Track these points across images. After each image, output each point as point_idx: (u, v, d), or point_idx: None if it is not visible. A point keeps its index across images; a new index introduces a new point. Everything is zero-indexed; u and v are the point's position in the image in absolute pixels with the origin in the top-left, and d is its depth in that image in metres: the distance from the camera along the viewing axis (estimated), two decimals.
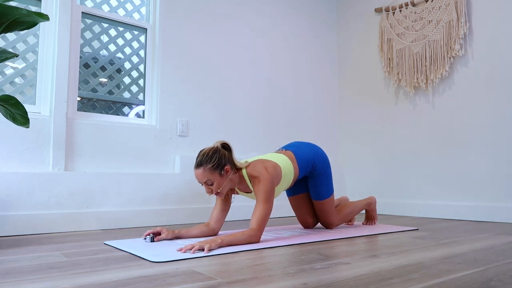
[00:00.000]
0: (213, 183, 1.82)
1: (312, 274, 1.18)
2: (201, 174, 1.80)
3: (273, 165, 1.93)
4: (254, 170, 1.88)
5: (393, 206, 3.38)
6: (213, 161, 1.80)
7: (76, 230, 2.32)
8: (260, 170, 1.87)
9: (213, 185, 1.82)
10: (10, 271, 1.25)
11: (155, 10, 2.91)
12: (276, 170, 1.92)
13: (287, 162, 2.04)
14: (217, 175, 1.81)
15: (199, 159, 1.82)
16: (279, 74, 3.51)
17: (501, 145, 2.77)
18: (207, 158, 1.80)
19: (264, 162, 1.93)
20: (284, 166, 2.00)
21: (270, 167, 1.90)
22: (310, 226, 2.35)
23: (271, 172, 1.88)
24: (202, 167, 1.79)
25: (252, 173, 1.88)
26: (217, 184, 1.82)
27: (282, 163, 2.00)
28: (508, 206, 2.69)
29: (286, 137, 3.48)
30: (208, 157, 1.81)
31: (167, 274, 1.18)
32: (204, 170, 1.79)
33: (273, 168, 1.91)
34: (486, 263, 1.33)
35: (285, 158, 2.05)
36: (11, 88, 2.37)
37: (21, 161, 2.27)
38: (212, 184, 1.82)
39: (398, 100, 3.45)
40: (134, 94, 2.83)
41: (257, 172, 1.86)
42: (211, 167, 1.79)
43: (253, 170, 1.88)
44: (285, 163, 2.02)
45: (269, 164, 1.92)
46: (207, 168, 1.79)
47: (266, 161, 1.94)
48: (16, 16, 1.56)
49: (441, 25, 3.12)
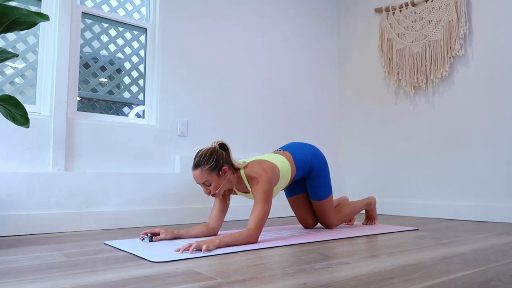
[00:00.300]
0: (211, 184, 1.81)
1: (312, 274, 1.18)
2: (199, 175, 1.80)
3: (271, 165, 1.93)
4: (252, 171, 1.88)
5: (393, 206, 3.38)
6: (211, 162, 1.80)
7: (76, 230, 2.32)
8: (259, 171, 1.87)
9: (211, 186, 1.82)
10: (10, 271, 1.25)
11: (155, 10, 2.91)
12: (274, 171, 1.93)
13: (284, 162, 2.04)
14: (215, 175, 1.81)
15: (197, 160, 1.81)
16: (279, 74, 3.51)
17: (501, 145, 2.77)
18: (204, 159, 1.80)
19: (262, 163, 1.93)
20: (281, 166, 2.00)
21: (268, 168, 1.90)
22: (310, 226, 2.35)
23: (269, 172, 1.88)
24: (200, 168, 1.79)
25: (250, 173, 1.88)
26: (215, 185, 1.82)
27: (280, 163, 2.01)
28: (508, 206, 2.69)
29: (286, 137, 3.48)
30: (205, 158, 1.80)
31: (167, 274, 1.18)
32: (202, 171, 1.79)
33: (271, 169, 1.91)
34: (486, 263, 1.33)
35: (283, 159, 2.05)
36: (11, 88, 2.37)
37: (21, 161, 2.27)
38: (210, 184, 1.82)
39: (398, 100, 3.45)
40: (134, 94, 2.83)
41: (255, 173, 1.87)
42: (209, 168, 1.79)
43: (251, 171, 1.89)
44: (282, 164, 2.02)
45: (267, 165, 1.93)
46: (204, 169, 1.79)
47: (264, 162, 1.95)
48: (16, 16, 1.56)
49: (441, 25, 3.12)
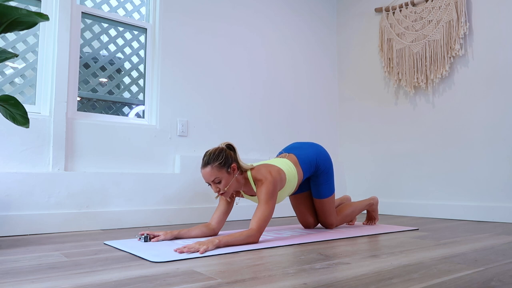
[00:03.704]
0: (221, 181, 1.82)
1: (312, 274, 1.18)
2: (209, 172, 1.80)
3: (277, 170, 1.94)
4: (259, 173, 1.90)
5: (393, 206, 3.38)
6: (220, 159, 1.82)
7: (76, 230, 2.32)
8: (265, 173, 1.89)
9: (220, 183, 1.83)
10: (10, 271, 1.25)
11: (155, 10, 2.91)
12: (280, 175, 1.94)
13: (291, 167, 2.04)
14: (224, 172, 1.82)
15: (206, 159, 1.83)
16: (278, 74, 3.51)
17: (501, 145, 2.77)
18: (214, 156, 1.82)
19: (268, 166, 1.95)
20: (288, 171, 2.01)
21: (274, 171, 1.92)
22: (311, 226, 2.35)
23: (274, 175, 1.89)
24: (210, 165, 1.80)
25: (256, 175, 1.90)
26: (225, 182, 1.83)
27: (286, 168, 2.01)
28: (508, 206, 2.69)
29: (286, 137, 3.48)
30: (215, 155, 1.83)
31: (167, 274, 1.18)
32: (212, 168, 1.80)
33: (277, 173, 1.92)
34: (486, 263, 1.33)
35: (289, 163, 2.06)
36: (11, 88, 2.37)
37: (21, 161, 2.27)
38: (220, 182, 1.82)
39: (398, 100, 3.44)
40: (134, 94, 2.83)
41: (261, 175, 1.88)
42: (219, 164, 1.81)
43: (258, 173, 1.90)
44: (289, 168, 2.03)
45: (274, 168, 1.94)
46: (214, 165, 1.80)
47: (271, 166, 1.96)
48: (16, 16, 1.56)
49: (441, 25, 3.12)
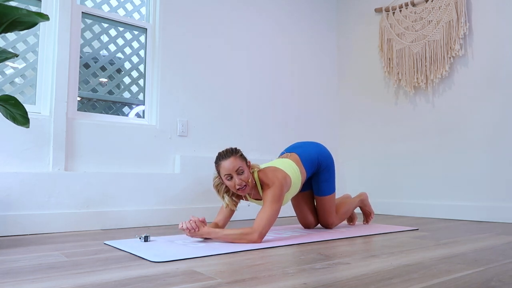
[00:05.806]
0: (244, 171, 1.84)
1: (312, 274, 1.18)
2: (233, 161, 1.82)
3: (284, 175, 1.95)
4: (266, 176, 1.92)
5: (393, 206, 3.38)
6: (240, 152, 1.88)
7: (76, 230, 2.32)
8: (272, 178, 1.90)
9: (243, 174, 1.84)
10: (10, 271, 1.25)
11: (155, 10, 2.91)
12: (287, 180, 1.95)
13: (295, 169, 2.05)
14: (245, 164, 1.88)
15: (226, 151, 1.87)
16: (278, 74, 3.50)
17: (501, 145, 2.77)
18: (234, 149, 1.88)
19: (274, 171, 1.96)
20: (293, 175, 2.02)
21: (281, 177, 1.93)
22: (311, 226, 2.35)
23: (281, 181, 1.90)
24: (233, 156, 1.84)
25: (263, 178, 1.92)
26: (247, 173, 1.85)
27: (291, 171, 2.02)
28: (508, 206, 2.69)
29: (286, 137, 3.47)
30: (233, 149, 1.88)
31: (167, 274, 1.18)
32: (235, 157, 1.84)
33: (283, 178, 1.93)
34: (486, 263, 1.33)
35: (292, 165, 2.07)
36: (11, 88, 2.37)
37: (21, 161, 2.27)
38: (243, 172, 1.84)
39: (398, 100, 3.44)
40: (134, 94, 2.83)
41: (268, 180, 1.90)
42: (240, 156, 1.87)
43: (265, 176, 1.92)
44: (293, 171, 2.03)
45: (280, 174, 1.94)
46: (237, 155, 1.85)
47: (277, 170, 1.97)
48: (16, 16, 1.56)
49: (441, 25, 3.12)
